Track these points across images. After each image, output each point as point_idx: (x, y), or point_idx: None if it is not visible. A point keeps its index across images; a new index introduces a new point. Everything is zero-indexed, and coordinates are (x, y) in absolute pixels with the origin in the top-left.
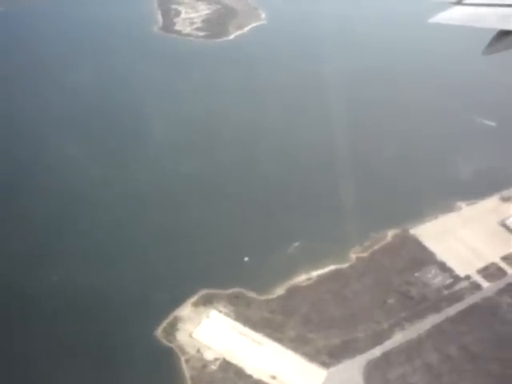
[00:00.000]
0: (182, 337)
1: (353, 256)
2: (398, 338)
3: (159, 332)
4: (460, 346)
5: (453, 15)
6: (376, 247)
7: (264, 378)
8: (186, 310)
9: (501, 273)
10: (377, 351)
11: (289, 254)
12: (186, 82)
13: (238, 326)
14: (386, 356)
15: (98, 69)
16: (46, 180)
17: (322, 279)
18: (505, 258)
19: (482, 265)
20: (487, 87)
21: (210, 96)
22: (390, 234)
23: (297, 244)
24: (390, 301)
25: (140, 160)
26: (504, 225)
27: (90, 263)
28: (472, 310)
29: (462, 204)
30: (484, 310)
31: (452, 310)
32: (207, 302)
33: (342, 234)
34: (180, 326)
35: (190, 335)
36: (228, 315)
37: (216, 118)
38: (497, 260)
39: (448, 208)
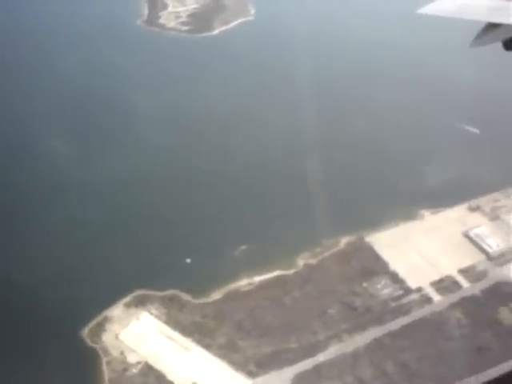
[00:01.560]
0: (107, 338)
1: (300, 262)
2: (333, 351)
3: (86, 332)
4: (398, 362)
5: (442, 6)
6: (326, 254)
7: None
8: (116, 311)
9: (455, 286)
10: (308, 363)
11: (234, 257)
12: (151, 75)
13: (167, 330)
14: (316, 369)
15: (68, 61)
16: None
17: (263, 285)
18: (463, 271)
19: (436, 277)
20: (476, 90)
21: (165, 88)
22: (344, 240)
23: (244, 247)
24: (331, 311)
25: (98, 152)
26: (467, 236)
27: (25, 258)
28: (417, 324)
29: (426, 212)
30: (430, 325)
31: (396, 324)
32: (140, 303)
33: (294, 238)
34: (108, 326)
35: (116, 337)
36: (159, 318)
37: (167, 110)
38: (453, 273)
39: (410, 216)
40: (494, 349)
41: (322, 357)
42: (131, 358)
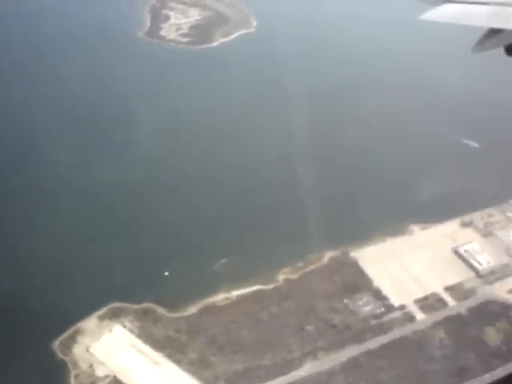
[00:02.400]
0: (78, 350)
1: (281, 277)
2: (307, 369)
3: (57, 343)
4: (373, 383)
5: (443, 12)
6: (308, 269)
7: None
8: (90, 323)
9: (440, 304)
10: (280, 382)
11: (213, 271)
12: (147, 85)
13: (139, 344)
14: None
15: (67, 70)
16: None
17: (241, 300)
18: (449, 289)
19: (421, 294)
20: (478, 101)
21: (160, 98)
22: (329, 255)
23: (224, 260)
24: (309, 328)
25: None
26: (457, 252)
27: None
28: (397, 343)
29: (416, 227)
30: (411, 344)
31: (375, 343)
32: (114, 315)
33: (277, 252)
34: (80, 338)
35: (87, 349)
36: (131, 331)
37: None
38: (439, 290)
39: (399, 231)
40: (477, 370)
41: (295, 375)
42: (100, 372)
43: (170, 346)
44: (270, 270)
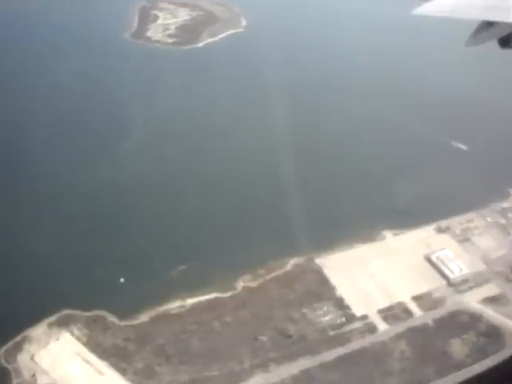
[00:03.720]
0: (22, 358)
1: (240, 285)
2: (256, 381)
3: (3, 351)
4: None
5: (436, 7)
6: (269, 276)
7: None
8: (39, 330)
9: (405, 314)
10: None
11: (170, 278)
12: (126, 86)
13: (85, 352)
14: None
15: (48, 72)
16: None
17: (195, 308)
18: (417, 298)
19: (385, 304)
20: (469, 104)
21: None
22: (293, 262)
23: (183, 267)
24: (263, 338)
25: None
26: (429, 259)
27: None
28: (354, 356)
29: (389, 233)
30: (369, 356)
31: (330, 355)
32: (64, 323)
33: (238, 259)
34: (26, 346)
35: (32, 357)
36: (79, 339)
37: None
38: (406, 299)
39: (370, 237)
40: None
41: None
42: (42, 381)
43: (116, 354)
44: (230, 278)
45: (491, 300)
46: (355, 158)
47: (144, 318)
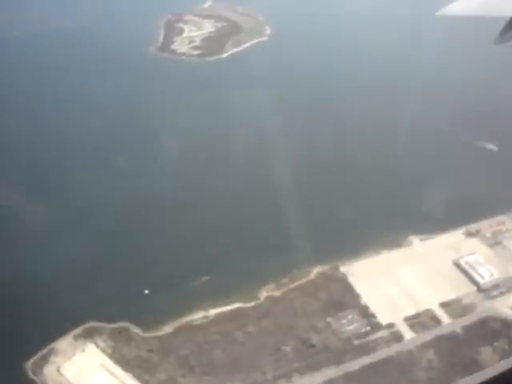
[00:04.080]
0: (49, 371)
1: (263, 294)
2: None
3: (30, 363)
4: None
5: (462, 6)
6: (293, 285)
7: None
8: (65, 342)
9: (433, 322)
10: None
11: (194, 289)
12: (147, 100)
13: (109, 364)
14: None
15: (74, 88)
16: None
17: (218, 318)
18: (445, 305)
19: (412, 312)
20: (499, 104)
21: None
22: (317, 270)
23: (206, 278)
24: (286, 348)
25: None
26: (458, 264)
27: None
28: (379, 365)
29: (416, 239)
30: (395, 366)
31: (355, 364)
32: (89, 334)
33: (261, 268)
34: (53, 358)
35: (58, 369)
36: (104, 351)
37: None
38: (434, 307)
39: (396, 243)
40: None
41: None
42: None
43: (140, 366)
44: (253, 287)
45: None
46: (380, 160)
47: (167, 329)
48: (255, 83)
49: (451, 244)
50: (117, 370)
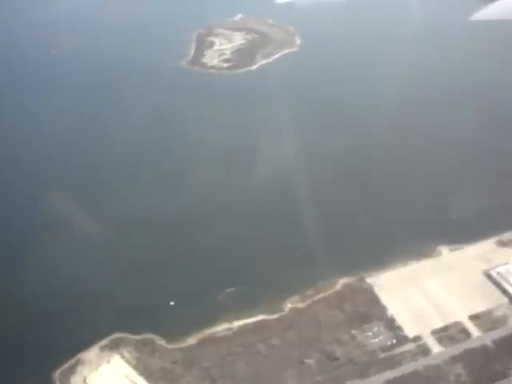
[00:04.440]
0: (75, 380)
1: (288, 306)
2: None
3: (57, 373)
4: None
5: (498, 9)
6: (317, 297)
7: None
8: (91, 353)
9: (463, 335)
10: None
11: (218, 301)
12: (178, 113)
13: (134, 375)
14: None
15: (109, 103)
16: None
17: (242, 330)
18: (474, 317)
19: (441, 324)
20: None
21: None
22: (342, 282)
23: (232, 289)
24: (309, 361)
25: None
26: (489, 275)
27: (8, 295)
28: (405, 379)
29: (445, 249)
30: (422, 380)
31: (380, 378)
32: (115, 346)
33: (286, 280)
34: (79, 369)
35: (84, 380)
36: (129, 362)
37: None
38: (463, 319)
39: (424, 253)
40: None
41: None
42: None
43: (163, 378)
44: (278, 299)
45: None
46: (407, 168)
47: (191, 340)
48: (282, 94)
49: (482, 254)
50: (141, 381)
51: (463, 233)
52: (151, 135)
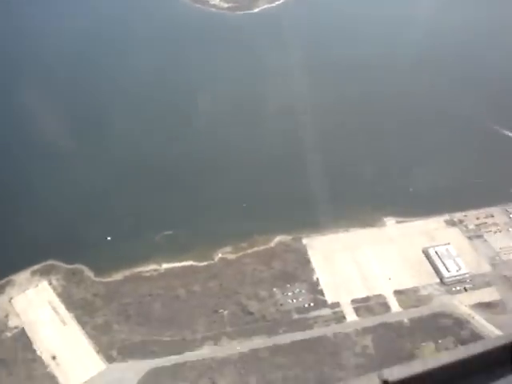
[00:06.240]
0: (2, 300)
1: (218, 256)
2: (204, 353)
3: None
4: (265, 379)
5: None
6: (250, 251)
7: (44, 356)
8: (22, 276)
9: (382, 309)
10: (170, 360)
11: (154, 242)
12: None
13: (56, 302)
14: (175, 368)
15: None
16: None
17: (168, 273)
18: (399, 293)
19: (363, 295)
20: None
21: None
22: (278, 239)
23: (169, 232)
24: (224, 311)
25: None
26: (426, 253)
27: None
28: (312, 343)
29: (391, 220)
30: (327, 347)
31: (287, 338)
32: (46, 272)
33: (224, 229)
34: (8, 289)
35: (10, 300)
36: (55, 289)
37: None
38: (388, 293)
39: (370, 222)
40: None
41: (188, 356)
42: (12, 323)
43: (82, 308)
44: (211, 247)
45: (486, 306)
46: (392, 144)
47: (118, 276)
48: (280, 39)
49: (428, 231)
50: (61, 308)
51: (415, 207)
52: (149, 71)
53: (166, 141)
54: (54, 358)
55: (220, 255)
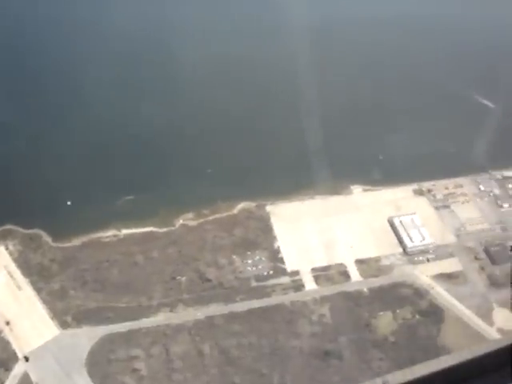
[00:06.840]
0: None
1: (179, 222)
2: (159, 319)
3: None
4: (219, 346)
5: None
6: (212, 217)
7: None
8: None
9: (342, 278)
10: (124, 326)
11: (114, 207)
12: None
13: (12, 267)
14: (129, 334)
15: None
16: None
17: (127, 239)
18: (361, 262)
19: (323, 263)
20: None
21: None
22: (241, 206)
23: (130, 197)
24: (181, 278)
25: None
26: (391, 223)
27: None
28: (269, 311)
29: (358, 188)
30: (284, 315)
31: (244, 306)
32: (3, 236)
33: (187, 196)
34: None
35: None
36: (11, 254)
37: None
38: (349, 262)
39: (336, 190)
40: (345, 359)
41: (144, 323)
42: None
43: (38, 273)
44: (172, 213)
45: (447, 277)
46: (358, 103)
47: (76, 242)
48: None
49: (395, 200)
50: (17, 273)
51: (384, 175)
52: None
53: (129, 105)
54: (7, 323)
55: (181, 221)
